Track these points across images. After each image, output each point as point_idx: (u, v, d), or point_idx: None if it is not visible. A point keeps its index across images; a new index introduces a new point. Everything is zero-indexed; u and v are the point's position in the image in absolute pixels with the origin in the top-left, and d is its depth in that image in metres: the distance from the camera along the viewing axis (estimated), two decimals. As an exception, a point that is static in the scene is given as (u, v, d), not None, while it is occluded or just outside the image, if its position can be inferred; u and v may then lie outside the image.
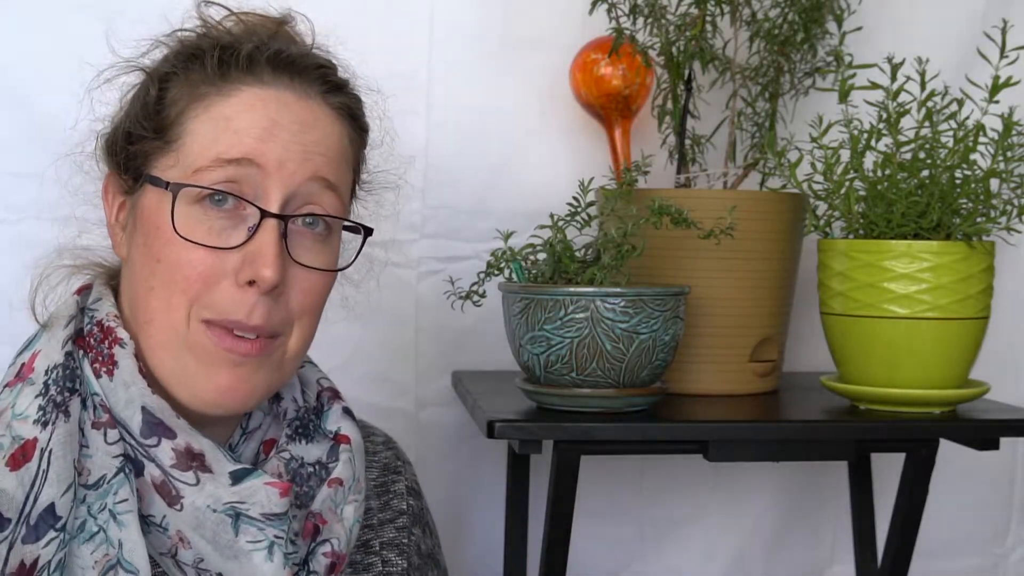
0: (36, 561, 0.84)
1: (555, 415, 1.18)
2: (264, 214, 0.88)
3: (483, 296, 1.25)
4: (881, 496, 1.52)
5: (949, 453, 1.30)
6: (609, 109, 1.46)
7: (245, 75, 0.91)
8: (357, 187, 1.02)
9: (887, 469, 1.51)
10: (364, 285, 1.08)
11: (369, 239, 0.98)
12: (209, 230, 0.88)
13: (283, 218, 0.89)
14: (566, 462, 1.19)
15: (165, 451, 0.88)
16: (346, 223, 0.96)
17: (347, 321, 1.08)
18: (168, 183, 0.89)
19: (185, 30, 0.97)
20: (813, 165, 1.27)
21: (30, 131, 1.37)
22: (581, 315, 1.14)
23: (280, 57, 0.93)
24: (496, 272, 1.23)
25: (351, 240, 0.98)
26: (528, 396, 1.22)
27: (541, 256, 1.23)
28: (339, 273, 0.97)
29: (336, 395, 1.03)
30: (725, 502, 1.63)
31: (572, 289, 1.15)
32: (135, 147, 0.93)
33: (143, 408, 0.89)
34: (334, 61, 0.98)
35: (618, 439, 1.19)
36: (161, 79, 0.93)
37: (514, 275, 1.23)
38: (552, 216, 1.23)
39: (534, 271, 1.22)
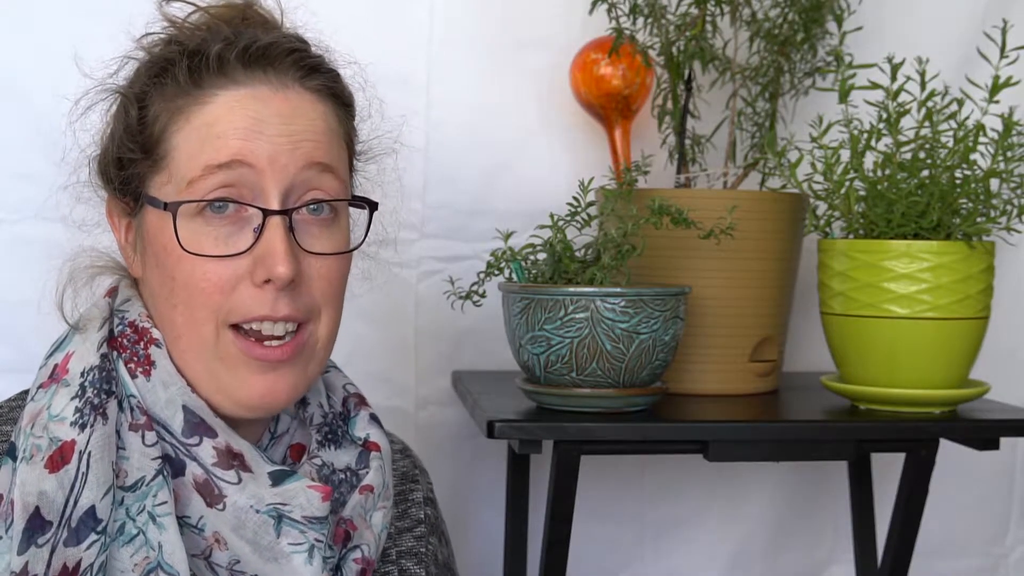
0: (79, 564, 0.84)
1: (555, 415, 1.18)
2: (266, 213, 0.88)
3: (483, 296, 1.25)
4: (881, 496, 1.52)
5: (949, 453, 1.30)
6: (609, 109, 1.46)
7: (218, 78, 0.90)
8: (355, 160, 1.01)
9: (887, 469, 1.51)
10: (380, 257, 1.07)
11: (369, 240, 0.97)
12: (216, 239, 0.88)
13: (286, 212, 0.89)
14: (566, 462, 1.19)
15: (207, 450, 0.88)
16: (352, 201, 0.95)
17: (346, 320, 1.08)
18: (166, 204, 0.89)
19: (151, 34, 0.95)
20: (813, 165, 1.27)
21: (30, 132, 1.37)
22: (581, 315, 1.14)
23: (249, 52, 0.91)
24: (496, 272, 1.23)
25: (359, 215, 0.97)
26: (528, 396, 1.22)
27: (541, 256, 1.22)
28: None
29: (362, 401, 1.03)
30: (725, 502, 1.63)
31: (572, 289, 1.15)
32: (128, 171, 0.92)
33: (184, 407, 0.89)
34: (305, 39, 0.96)
35: (618, 439, 1.19)
36: (138, 98, 0.92)
37: (514, 275, 1.23)
38: (552, 216, 1.23)
39: (534, 271, 1.22)
